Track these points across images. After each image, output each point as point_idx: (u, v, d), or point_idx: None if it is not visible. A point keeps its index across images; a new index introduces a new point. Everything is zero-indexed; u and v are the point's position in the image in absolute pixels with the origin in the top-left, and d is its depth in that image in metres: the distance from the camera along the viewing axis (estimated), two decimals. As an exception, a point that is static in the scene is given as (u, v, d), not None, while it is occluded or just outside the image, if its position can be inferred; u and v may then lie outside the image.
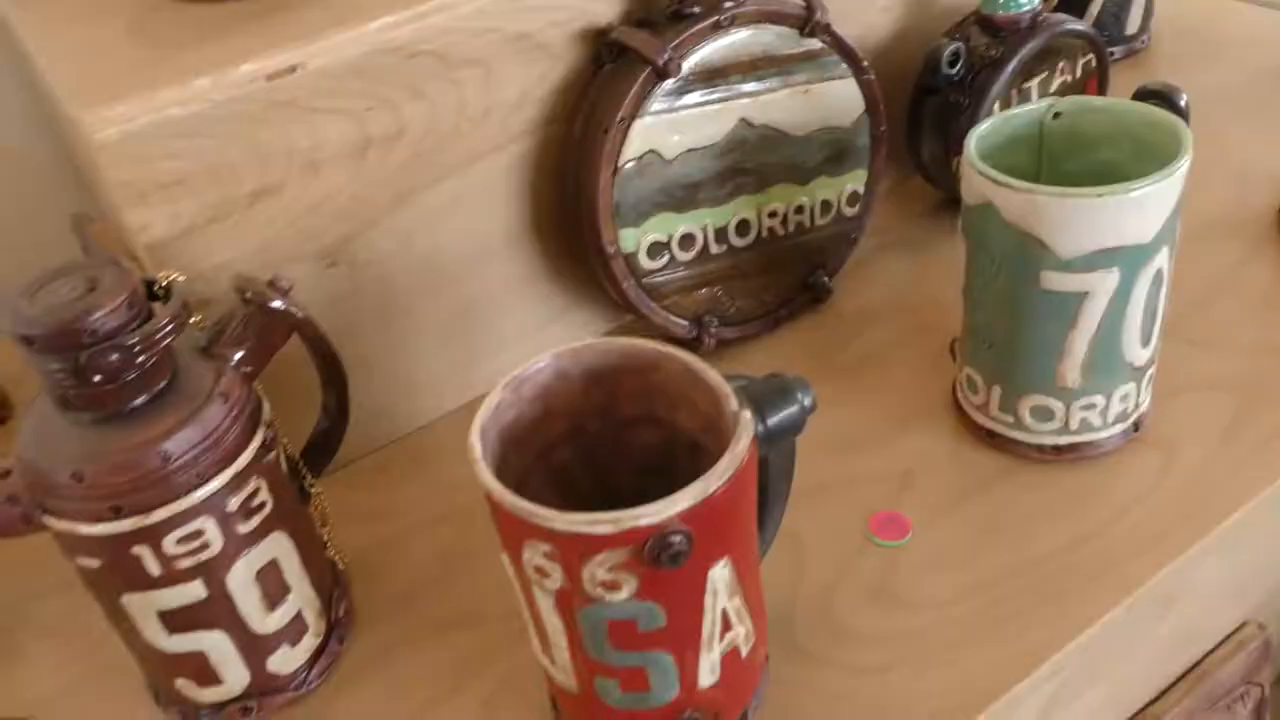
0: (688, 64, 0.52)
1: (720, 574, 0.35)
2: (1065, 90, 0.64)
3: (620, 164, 0.52)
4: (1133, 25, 0.80)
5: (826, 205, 0.60)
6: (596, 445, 0.41)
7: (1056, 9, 0.78)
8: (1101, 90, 0.66)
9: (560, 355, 0.38)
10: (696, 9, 0.52)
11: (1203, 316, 0.58)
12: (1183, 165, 0.43)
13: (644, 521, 0.32)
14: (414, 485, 0.56)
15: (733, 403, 0.35)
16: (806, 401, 0.38)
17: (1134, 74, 0.81)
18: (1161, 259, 0.45)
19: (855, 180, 0.60)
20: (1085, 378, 0.47)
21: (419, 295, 0.55)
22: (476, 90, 0.51)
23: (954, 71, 0.61)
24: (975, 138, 0.47)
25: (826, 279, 0.61)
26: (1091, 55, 0.64)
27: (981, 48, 0.61)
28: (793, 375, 0.39)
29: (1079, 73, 0.64)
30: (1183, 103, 0.48)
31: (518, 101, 0.53)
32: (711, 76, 0.53)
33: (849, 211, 0.61)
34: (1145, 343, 0.47)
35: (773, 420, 0.37)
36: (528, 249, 0.57)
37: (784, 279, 0.60)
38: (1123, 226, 0.43)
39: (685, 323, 0.58)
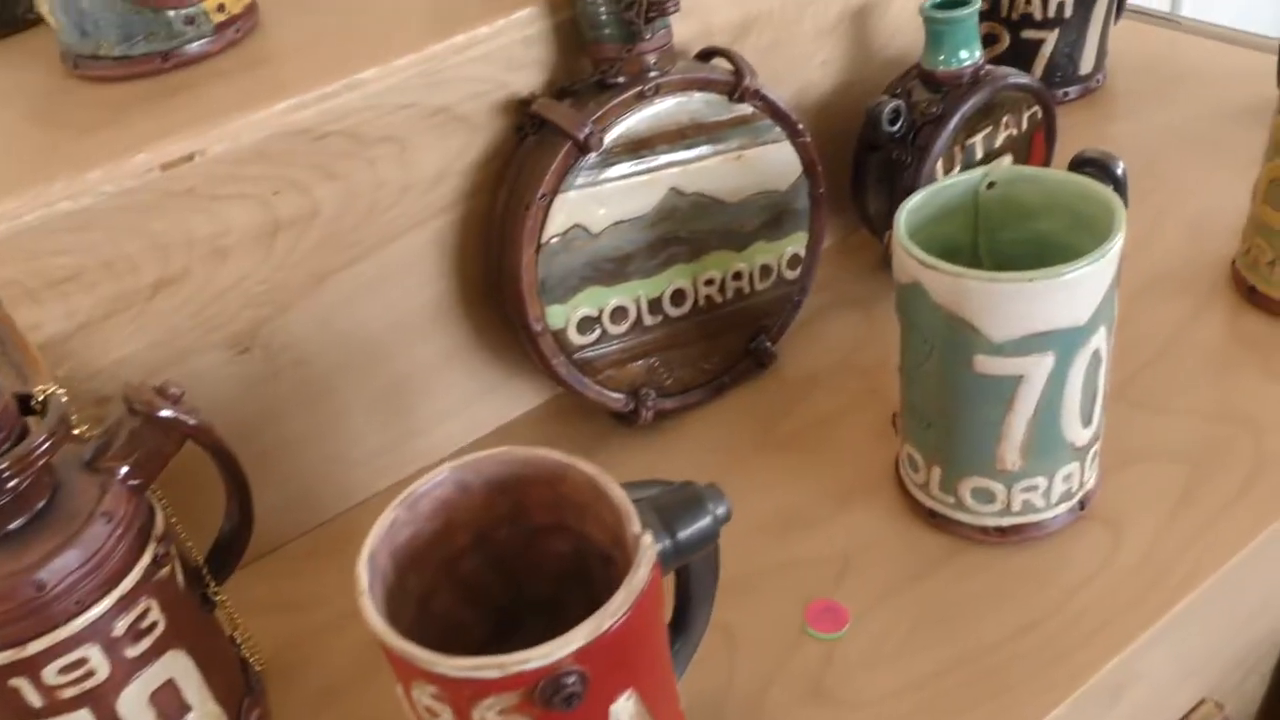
0: (611, 135, 0.50)
1: (624, 707, 0.33)
2: (1011, 144, 0.63)
3: (543, 240, 0.50)
4: (1086, 65, 0.79)
5: (766, 270, 0.58)
6: (507, 553, 0.39)
7: (1008, 50, 0.78)
8: (1049, 141, 0.65)
9: (460, 468, 0.36)
10: (621, 79, 0.50)
11: (1153, 378, 0.56)
12: (1115, 244, 0.42)
13: (533, 665, 0.30)
14: (342, 571, 0.54)
15: (634, 524, 0.33)
16: (720, 511, 0.36)
17: (1090, 114, 0.79)
18: (1099, 339, 0.44)
19: (795, 243, 0.58)
20: (1025, 459, 0.46)
21: (343, 375, 0.53)
22: (393, 167, 0.49)
23: (895, 129, 0.59)
24: (905, 212, 0.46)
25: (769, 344, 0.59)
26: (1037, 108, 0.62)
27: (923, 104, 0.60)
28: (705, 484, 0.37)
29: (1024, 125, 0.62)
30: (1119, 171, 0.47)
31: (437, 176, 0.51)
32: (637, 147, 0.51)
33: (790, 274, 0.59)
34: (1087, 422, 0.46)
35: (683, 534, 0.35)
36: (458, 323, 0.55)
37: (725, 346, 0.58)
38: (1055, 310, 0.42)
39: (621, 396, 0.56)
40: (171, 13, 0.47)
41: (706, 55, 0.54)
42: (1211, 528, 0.48)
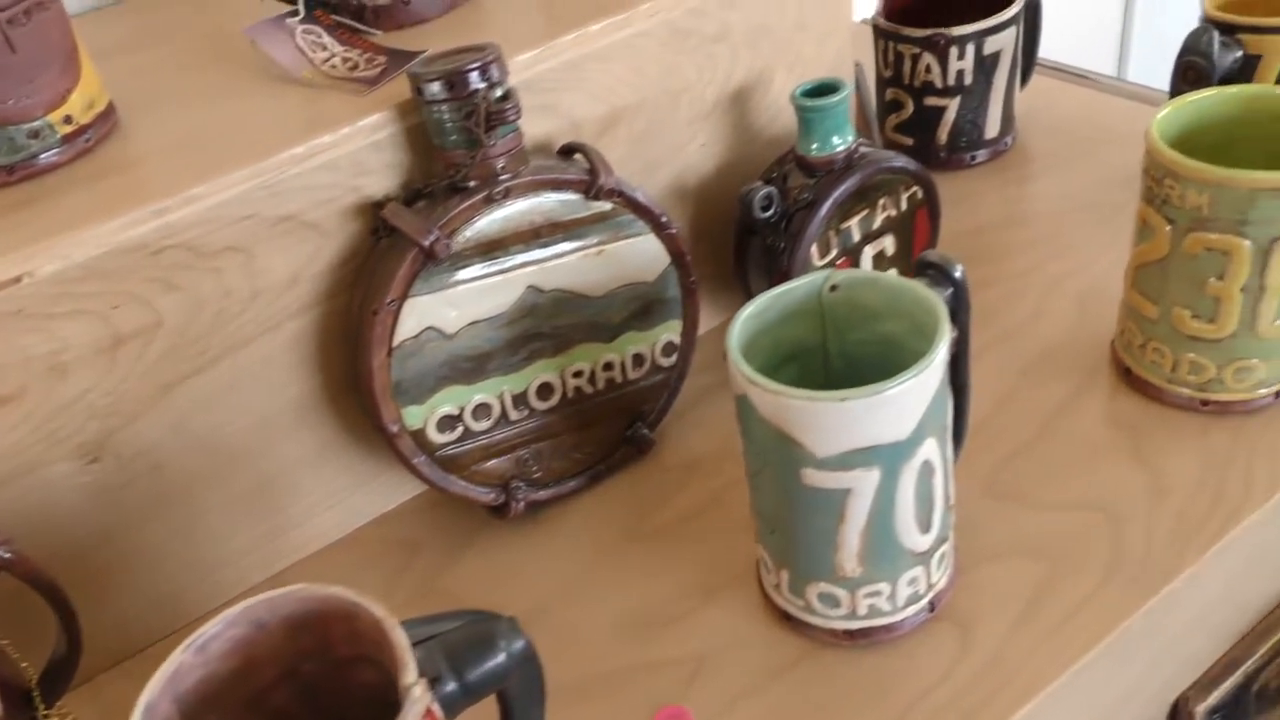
0: (461, 238, 0.50)
1: None
2: (892, 224, 0.63)
3: (394, 345, 0.50)
4: (992, 130, 0.79)
5: (639, 358, 0.58)
6: (318, 685, 0.38)
7: (913, 116, 0.78)
8: (933, 219, 0.64)
9: (252, 607, 0.36)
10: (470, 183, 0.50)
11: (1023, 465, 0.56)
12: (935, 358, 0.42)
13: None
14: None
15: (406, 675, 0.33)
16: (515, 647, 0.36)
17: (998, 177, 0.79)
18: (928, 450, 0.43)
19: (669, 331, 0.58)
20: (864, 566, 0.45)
21: (202, 478, 0.53)
22: (240, 276, 0.49)
23: (768, 215, 0.59)
24: (740, 321, 0.45)
25: (647, 431, 0.59)
26: (916, 188, 0.62)
27: (796, 190, 0.60)
28: (503, 619, 0.37)
29: (904, 206, 0.62)
30: (957, 274, 0.46)
31: (290, 281, 0.51)
32: (490, 248, 0.51)
33: (665, 361, 0.59)
34: (925, 529, 0.45)
35: (471, 676, 0.35)
36: (327, 419, 0.55)
37: (600, 435, 0.58)
38: (876, 427, 0.41)
39: (490, 490, 0.56)
40: (13, 128, 0.47)
41: (568, 151, 0.55)
42: (1061, 629, 0.48)
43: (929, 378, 0.42)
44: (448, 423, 0.53)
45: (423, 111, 0.49)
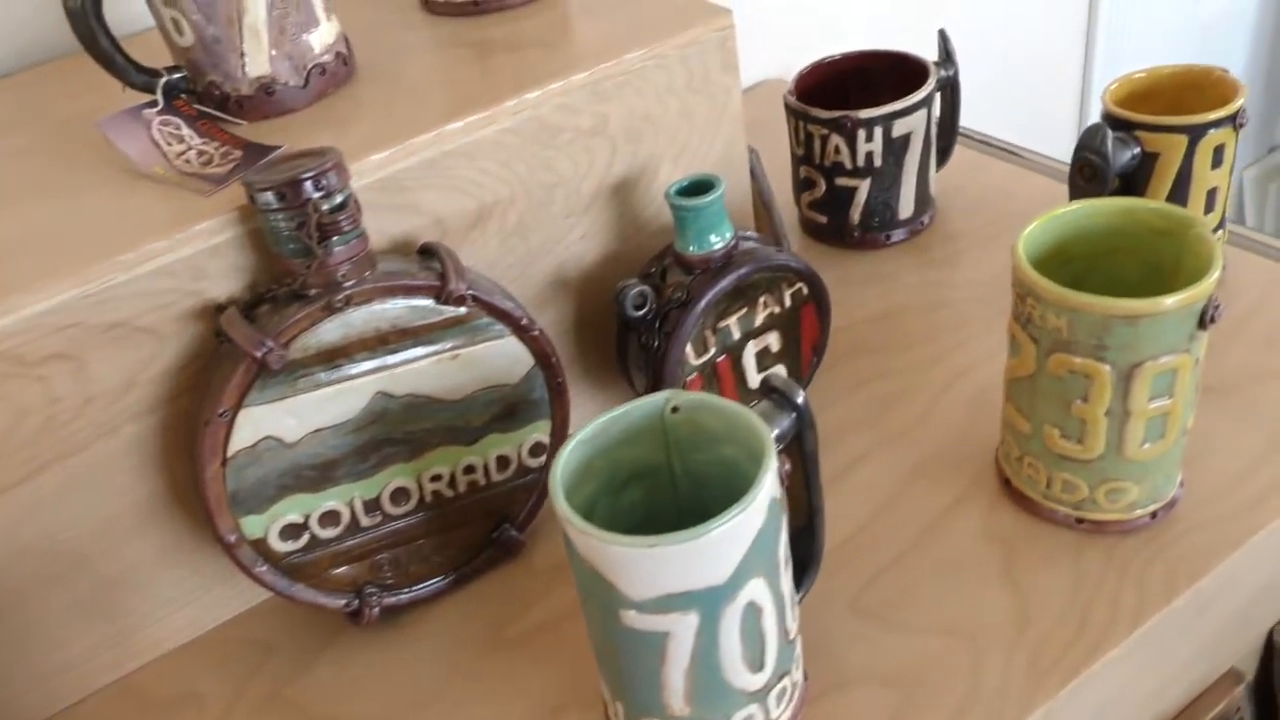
0: (299, 346, 0.48)
1: None
2: (776, 321, 0.61)
3: (229, 455, 0.49)
4: (906, 210, 0.77)
5: (504, 460, 0.56)
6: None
7: (825, 195, 0.76)
8: (822, 315, 0.63)
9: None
10: (312, 290, 0.48)
11: (892, 581, 0.54)
12: (753, 501, 0.40)
13: None
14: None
15: None
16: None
17: (913, 259, 0.78)
18: (753, 590, 0.41)
19: (537, 431, 0.57)
20: (693, 706, 0.43)
21: (38, 583, 0.51)
22: (69, 382, 0.48)
23: (642, 313, 0.58)
24: (571, 448, 0.44)
25: (515, 533, 0.58)
26: (801, 284, 0.61)
27: (672, 288, 0.58)
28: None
29: (789, 302, 0.61)
30: (799, 400, 0.45)
31: (125, 386, 0.49)
32: (332, 356, 0.49)
33: (533, 462, 0.57)
34: (757, 668, 0.43)
35: None
36: (171, 522, 0.54)
37: (464, 537, 0.57)
38: (690, 573, 0.40)
39: (342, 597, 0.54)
40: None
41: (426, 252, 0.53)
42: (906, 770, 0.46)
43: (747, 521, 0.40)
44: (291, 531, 0.52)
45: (258, 218, 0.48)
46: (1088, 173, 0.62)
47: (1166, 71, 0.65)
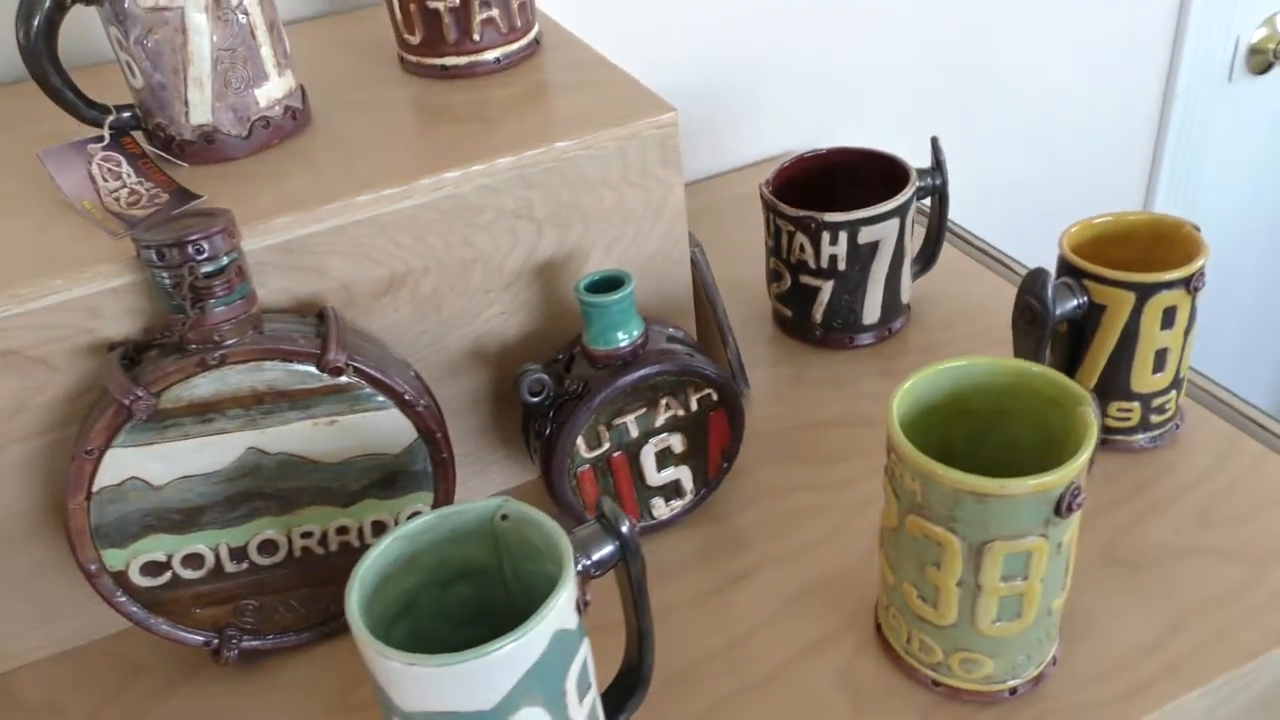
0: (170, 397, 0.50)
1: None
2: (679, 424, 0.60)
3: (94, 490, 0.50)
4: (871, 315, 0.75)
5: (380, 525, 0.57)
6: None
7: (790, 290, 0.75)
8: (734, 423, 0.62)
9: None
10: (192, 345, 0.50)
11: (734, 715, 0.52)
12: (527, 634, 0.39)
13: None
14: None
15: None
16: None
17: (872, 367, 0.75)
18: (527, 718, 0.41)
19: (418, 501, 0.57)
20: (466, 820, 0.43)
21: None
22: (-43, 400, 0.51)
23: (537, 400, 0.58)
24: (393, 539, 0.44)
25: (386, 596, 0.58)
26: (710, 390, 0.60)
27: (572, 379, 0.58)
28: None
29: (694, 407, 0.60)
30: (624, 529, 0.44)
31: (14, 409, 0.52)
32: (203, 409, 0.51)
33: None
34: (534, 794, 0.43)
35: None
36: (52, 539, 0.56)
37: (332, 594, 0.57)
38: (452, 695, 0.39)
39: (201, 635, 0.55)
40: None
41: (322, 316, 0.54)
42: None
43: (520, 651, 0.40)
44: (153, 568, 0.53)
45: (145, 271, 0.50)
46: (1028, 316, 0.59)
47: (1137, 217, 0.62)
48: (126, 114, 0.58)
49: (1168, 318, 0.58)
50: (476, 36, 0.65)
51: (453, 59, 0.65)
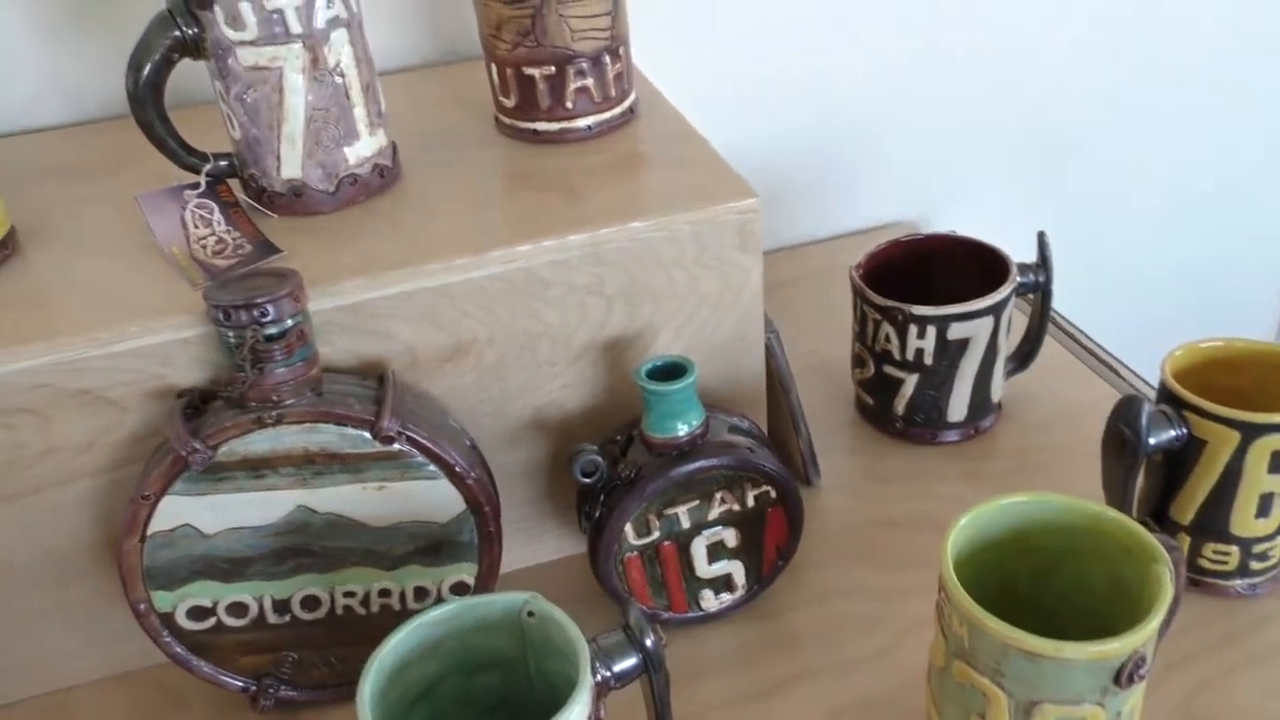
0: (225, 451, 0.51)
1: None
2: (734, 519, 0.58)
3: (147, 533, 0.52)
4: (957, 413, 0.71)
5: (422, 591, 0.57)
6: None
7: (873, 378, 0.72)
8: (793, 522, 0.59)
9: None
10: (251, 402, 0.51)
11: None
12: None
13: None
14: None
15: None
16: None
17: (954, 468, 0.72)
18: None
19: (461, 571, 0.57)
20: None
21: (-15, 596, 0.56)
22: (33, 433, 0.52)
23: (590, 481, 0.56)
24: (414, 627, 0.44)
25: (423, 661, 0.58)
26: (769, 488, 0.58)
27: (627, 464, 0.57)
28: None
29: (750, 503, 0.58)
30: (648, 643, 0.43)
31: (86, 446, 0.54)
32: (257, 466, 0.52)
33: (453, 599, 0.57)
34: None
35: None
36: (111, 569, 0.57)
37: (369, 653, 0.57)
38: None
39: (240, 681, 0.56)
40: (-119, 261, 0.53)
41: (383, 380, 0.55)
42: None
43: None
44: (199, 613, 0.54)
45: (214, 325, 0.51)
46: (1118, 444, 0.55)
47: (1252, 346, 0.57)
48: (223, 162, 0.60)
49: (1276, 461, 0.54)
50: (569, 104, 0.65)
51: (544, 124, 0.66)
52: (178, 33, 0.55)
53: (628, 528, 0.57)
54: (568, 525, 0.66)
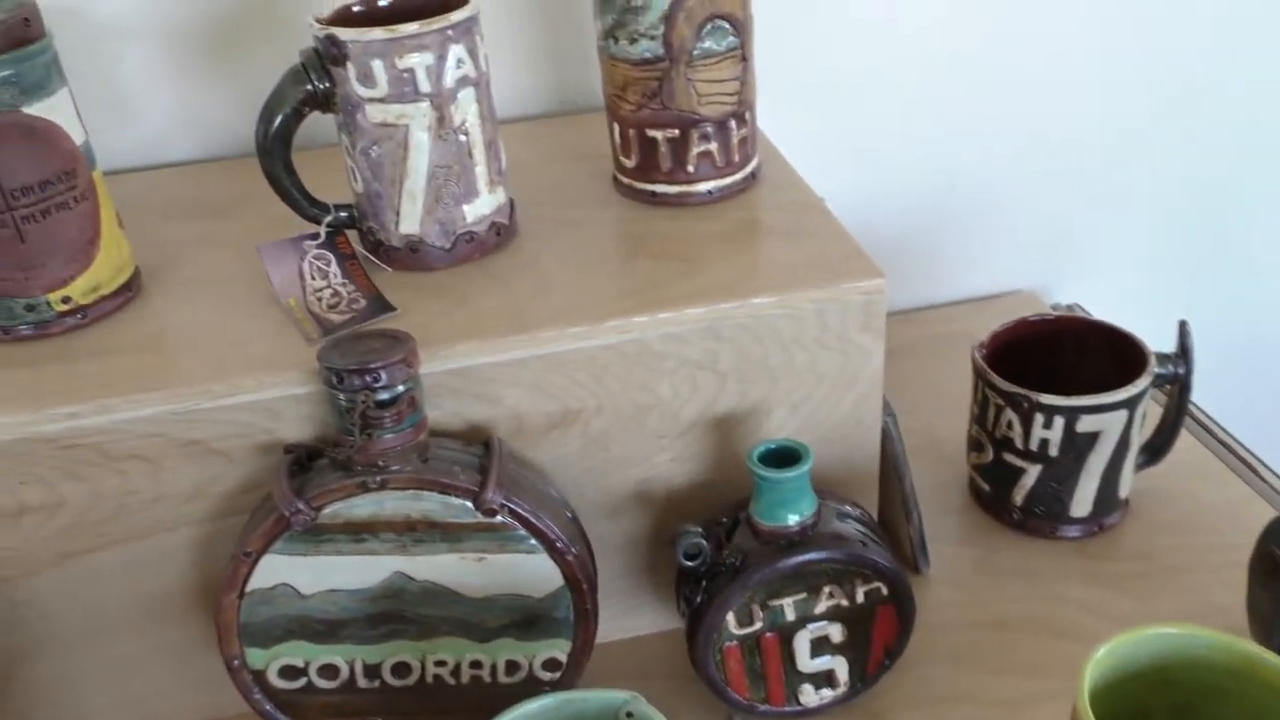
0: (328, 513, 0.50)
1: None
2: (842, 614, 0.55)
3: (246, 590, 0.51)
4: (1080, 508, 0.67)
5: (513, 665, 0.55)
6: None
7: (992, 464, 0.68)
8: (903, 624, 0.56)
9: None
10: (357, 465, 0.50)
11: None
12: None
13: None
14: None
15: None
16: None
17: (1074, 566, 0.67)
18: None
19: (555, 648, 0.55)
20: None
21: (84, 637, 0.56)
22: (144, 479, 0.53)
23: (693, 564, 0.54)
24: (515, 716, 0.42)
25: (509, 735, 0.56)
26: (880, 584, 0.54)
27: (732, 549, 0.54)
28: None
29: (860, 599, 0.55)
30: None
31: (192, 494, 0.54)
32: (358, 529, 0.51)
33: (546, 675, 0.55)
34: None
35: None
36: (202, 617, 0.57)
37: (457, 724, 0.56)
38: None
39: (326, 742, 0.56)
40: (11, 300, 0.54)
41: (489, 447, 0.53)
42: None
43: None
44: (291, 672, 0.54)
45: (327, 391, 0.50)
46: (1268, 567, 0.51)
47: None
48: (344, 213, 0.60)
49: None
50: (691, 168, 0.63)
51: (664, 187, 0.64)
52: (310, 87, 0.55)
53: (729, 616, 0.54)
54: (664, 599, 0.63)
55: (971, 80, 0.88)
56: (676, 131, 0.62)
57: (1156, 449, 0.70)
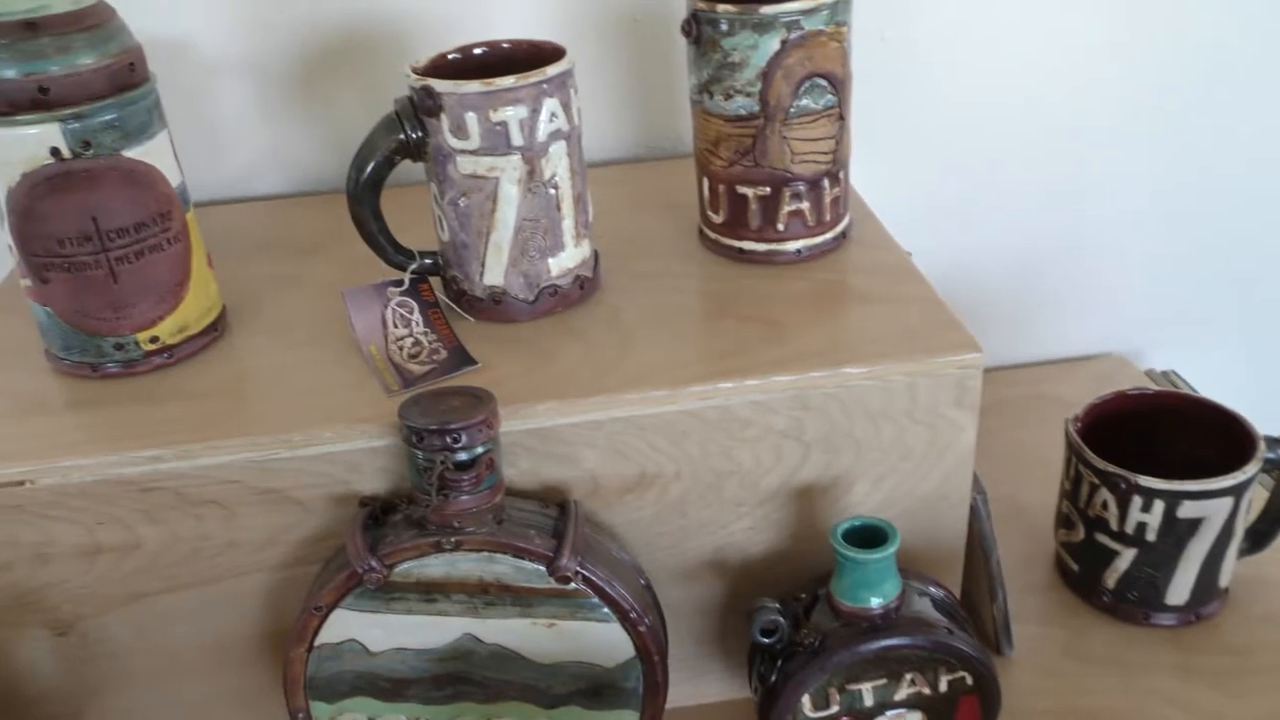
0: (400, 571, 0.49)
1: None
2: (922, 702, 0.53)
3: (315, 644, 0.51)
4: (1177, 595, 0.64)
5: (579, 733, 0.54)
6: None
7: (1084, 542, 0.65)
8: (987, 714, 0.53)
9: None
10: (431, 525, 0.49)
11: None
12: None
13: None
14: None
15: None
16: None
17: (1168, 656, 0.64)
18: None
19: (622, 718, 0.53)
20: None
21: (154, 677, 0.56)
22: (218, 525, 0.52)
23: (770, 641, 0.52)
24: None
25: (570, 805, 0.55)
26: (965, 673, 0.52)
27: (810, 629, 0.52)
28: None
29: (943, 687, 0.52)
30: None
31: (266, 541, 0.53)
32: (430, 589, 0.50)
33: (612, 752, 0.54)
34: None
35: None
36: (268, 664, 0.57)
37: (518, 790, 0.55)
38: None
39: (386, 799, 0.54)
40: (101, 338, 0.54)
41: (565, 509, 0.52)
42: None
43: None
44: (354, 728, 0.53)
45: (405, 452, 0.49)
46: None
47: None
48: (428, 260, 0.59)
49: None
50: (781, 226, 0.61)
51: (752, 244, 0.63)
52: (402, 136, 0.55)
53: (805, 698, 0.52)
54: (734, 668, 0.61)
55: (1066, 144, 0.85)
56: (768, 189, 0.60)
57: (1261, 535, 0.66)
